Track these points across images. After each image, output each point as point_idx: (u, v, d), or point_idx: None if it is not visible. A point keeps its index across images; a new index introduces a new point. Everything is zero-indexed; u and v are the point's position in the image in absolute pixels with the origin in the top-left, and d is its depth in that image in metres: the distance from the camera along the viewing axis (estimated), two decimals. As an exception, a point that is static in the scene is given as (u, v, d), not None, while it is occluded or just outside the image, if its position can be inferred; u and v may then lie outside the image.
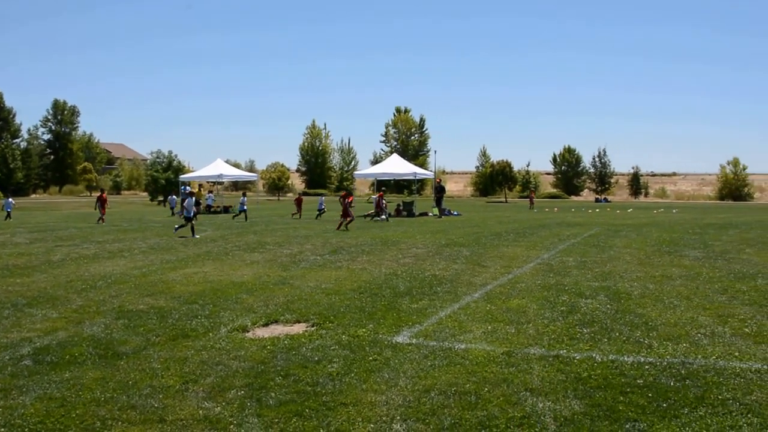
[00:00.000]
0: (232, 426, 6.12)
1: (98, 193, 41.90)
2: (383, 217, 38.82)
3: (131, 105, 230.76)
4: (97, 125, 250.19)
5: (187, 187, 53.67)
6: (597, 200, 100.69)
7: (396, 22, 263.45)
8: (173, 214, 44.75)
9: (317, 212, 43.06)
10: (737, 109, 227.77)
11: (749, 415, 6.36)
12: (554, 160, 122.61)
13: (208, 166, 57.15)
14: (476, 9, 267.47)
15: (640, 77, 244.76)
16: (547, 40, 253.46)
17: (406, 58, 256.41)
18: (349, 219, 31.34)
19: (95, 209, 38.98)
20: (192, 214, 27.14)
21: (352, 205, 32.57)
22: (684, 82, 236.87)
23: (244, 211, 39.84)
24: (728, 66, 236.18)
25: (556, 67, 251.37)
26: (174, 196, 48.04)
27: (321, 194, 50.20)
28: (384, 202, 39.95)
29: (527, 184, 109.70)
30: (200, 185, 51.08)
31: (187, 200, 27.87)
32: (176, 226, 27.69)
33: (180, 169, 75.11)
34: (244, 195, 41.78)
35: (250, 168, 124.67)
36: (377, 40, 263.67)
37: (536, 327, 10.07)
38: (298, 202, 43.83)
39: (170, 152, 79.09)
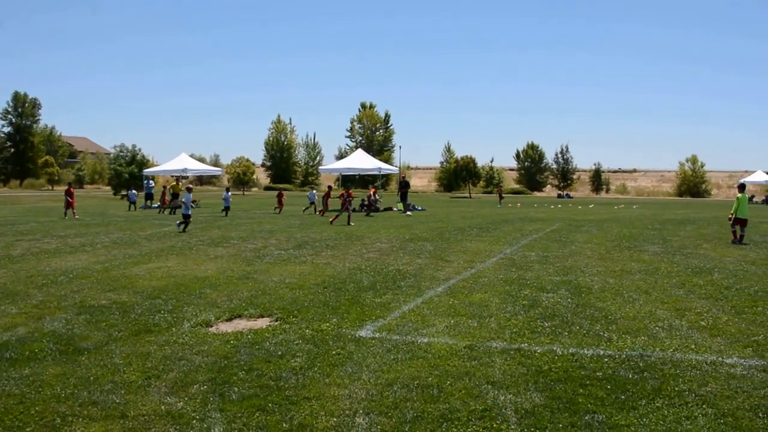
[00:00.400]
0: (194, 421, 6.12)
1: (65, 187, 41.26)
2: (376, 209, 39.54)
3: (95, 99, 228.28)
4: (60, 119, 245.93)
5: (152, 182, 53.22)
6: (559, 196, 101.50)
7: (361, 20, 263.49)
8: (133, 208, 44.25)
9: (309, 205, 43.36)
10: (697, 108, 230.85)
11: (704, 406, 6.51)
12: (517, 156, 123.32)
13: (173, 161, 56.79)
14: (440, 7, 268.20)
15: (602, 75, 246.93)
16: (510, 38, 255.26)
17: (372, 54, 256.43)
18: (344, 213, 31.52)
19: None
20: (190, 210, 26.98)
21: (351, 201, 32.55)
22: (645, 80, 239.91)
23: (228, 207, 39.51)
24: (689, 64, 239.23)
25: (520, 65, 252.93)
26: (134, 191, 47.50)
27: (313, 188, 49.99)
28: (376, 198, 40.30)
29: (491, 180, 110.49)
30: (178, 179, 50.50)
31: (186, 196, 27.58)
32: (178, 222, 27.26)
33: (144, 163, 74.38)
34: (227, 190, 41.44)
35: (215, 162, 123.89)
36: (343, 37, 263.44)
37: (498, 321, 10.18)
38: (279, 197, 43.68)
39: (134, 146, 78.41)
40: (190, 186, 31.76)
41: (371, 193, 41.71)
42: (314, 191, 48.03)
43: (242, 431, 5.91)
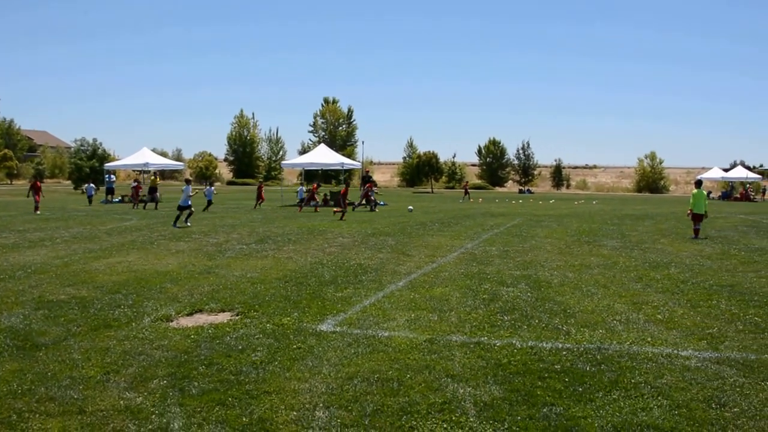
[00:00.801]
0: (153, 416, 6.09)
1: (32, 181, 40.62)
2: (375, 205, 39.45)
3: (56, 94, 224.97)
4: (19, 113, 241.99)
5: (113, 176, 52.60)
6: (521, 191, 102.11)
7: (325, 16, 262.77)
8: (90, 203, 43.67)
9: (299, 200, 43.10)
10: (656, 105, 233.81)
11: (659, 398, 6.62)
12: (479, 151, 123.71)
13: (134, 155, 56.03)
14: (403, 5, 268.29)
15: (563, 73, 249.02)
16: (472, 35, 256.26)
17: (335, 50, 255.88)
18: (342, 210, 31.43)
19: (28, 196, 37.83)
20: (188, 203, 26.74)
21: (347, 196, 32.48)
22: (605, 77, 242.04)
23: (210, 201, 39.04)
24: (647, 62, 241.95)
25: (482, 62, 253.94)
26: (92, 185, 46.84)
27: (302, 184, 49.72)
28: (371, 193, 40.09)
29: (453, 175, 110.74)
30: (155, 173, 49.82)
31: (185, 188, 27.29)
32: (184, 219, 26.86)
33: (105, 158, 73.53)
34: (211, 185, 40.90)
35: (177, 157, 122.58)
36: (307, 34, 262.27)
37: (458, 315, 10.25)
38: (259, 190, 43.38)
39: (95, 140, 77.47)
40: (189, 179, 31.14)
41: (367, 187, 41.14)
42: (303, 187, 47.76)
43: (202, 426, 5.88)
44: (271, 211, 37.51)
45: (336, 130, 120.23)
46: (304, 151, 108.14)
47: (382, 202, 47.24)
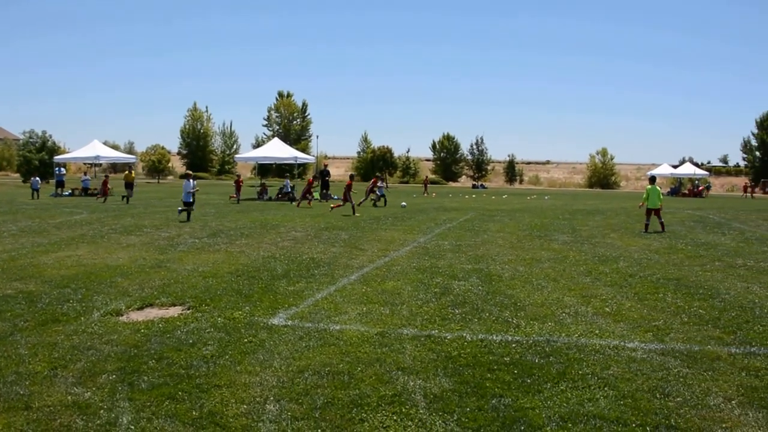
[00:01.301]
0: (102, 411, 6.04)
1: None
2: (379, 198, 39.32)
3: (5, 87, 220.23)
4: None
5: (63, 169, 51.75)
6: (474, 186, 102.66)
7: (281, 11, 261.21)
8: (36, 196, 42.84)
9: (284, 195, 42.80)
10: (608, 102, 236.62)
11: (606, 388, 6.75)
12: (434, 147, 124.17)
13: (84, 147, 55.28)
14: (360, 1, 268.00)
15: (517, 68, 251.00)
16: (426, 30, 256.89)
17: (289, 44, 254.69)
18: (345, 203, 31.39)
19: None
20: (191, 197, 26.31)
21: (353, 190, 32.06)
22: (558, 73, 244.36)
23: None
24: (601, 58, 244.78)
25: (437, 57, 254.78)
26: (37, 178, 45.97)
27: (286, 178, 49.28)
28: (379, 188, 39.73)
29: (407, 170, 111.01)
30: (130, 167, 48.89)
31: (185, 183, 26.86)
32: (179, 209, 26.53)
33: (54, 150, 72.20)
34: (192, 179, 40.20)
35: (129, 150, 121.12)
36: (262, 28, 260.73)
37: (410, 308, 10.30)
38: (238, 185, 42.94)
39: (44, 132, 76.03)
40: (189, 172, 30.13)
41: (372, 183, 40.56)
42: (289, 181, 47.35)
43: (151, 420, 5.85)
44: (224, 205, 37.24)
45: (290, 124, 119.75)
46: (258, 144, 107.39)
47: (335, 196, 47.03)
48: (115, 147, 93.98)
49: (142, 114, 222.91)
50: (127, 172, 44.10)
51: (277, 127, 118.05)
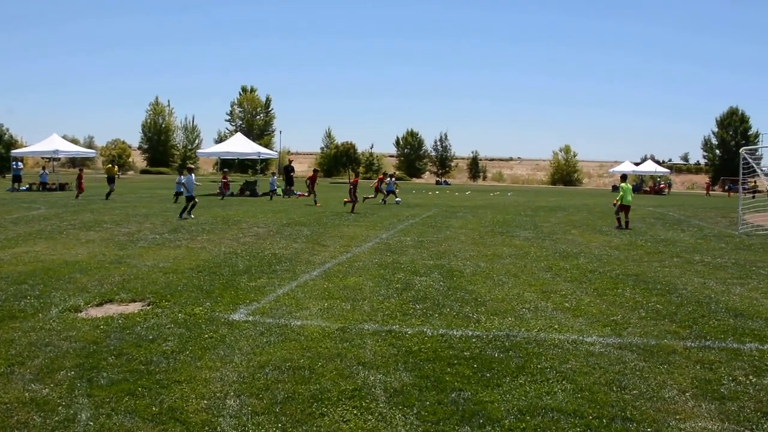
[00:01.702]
0: (60, 407, 5.98)
1: None
2: (389, 199, 38.58)
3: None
4: None
5: (20, 163, 51.01)
6: (438, 182, 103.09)
7: (244, 5, 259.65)
8: None
9: (270, 192, 42.50)
10: (571, 101, 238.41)
11: (564, 382, 6.84)
12: (397, 143, 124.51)
13: (43, 141, 54.47)
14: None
15: (483, 63, 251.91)
16: (389, 24, 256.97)
17: (253, 38, 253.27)
18: (353, 201, 31.05)
19: None
20: (192, 191, 25.93)
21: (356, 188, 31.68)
22: (521, 71, 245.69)
23: (179, 193, 37.81)
24: (564, 53, 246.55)
25: (400, 52, 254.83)
26: None
27: (273, 174, 48.56)
28: (385, 183, 39.23)
29: (371, 166, 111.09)
30: (112, 161, 47.99)
31: (187, 178, 26.49)
32: (183, 208, 25.83)
33: (11, 144, 71.21)
34: (188, 173, 39.44)
35: (89, 144, 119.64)
36: (224, 21, 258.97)
37: (371, 303, 10.34)
38: (224, 178, 42.40)
39: (1, 126, 74.94)
40: (192, 167, 29.27)
41: (379, 179, 40.03)
42: (275, 176, 46.75)
43: (110, 416, 5.82)
44: (185, 200, 36.89)
45: (253, 119, 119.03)
46: (220, 139, 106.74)
47: (297, 192, 46.96)
48: (74, 141, 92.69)
49: (102, 108, 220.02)
50: (109, 166, 43.34)
51: (240, 122, 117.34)
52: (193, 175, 27.02)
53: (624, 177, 25.90)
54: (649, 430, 5.70)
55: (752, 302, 11.15)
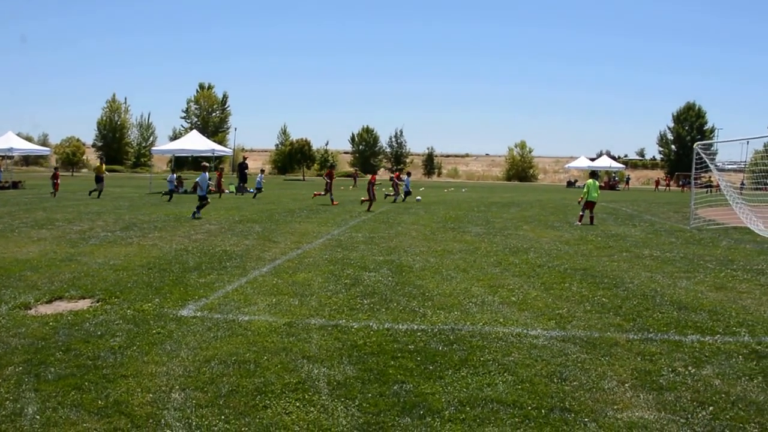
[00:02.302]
0: (7, 402, 5.97)
1: None
2: (398, 196, 38.90)
3: None
4: None
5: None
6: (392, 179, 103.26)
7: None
8: None
9: (255, 190, 42.07)
10: (526, 94, 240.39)
11: (505, 374, 6.97)
12: (353, 139, 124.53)
13: (-2, 139, 53.60)
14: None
15: (436, 62, 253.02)
16: (340, 19, 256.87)
17: (208, 34, 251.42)
18: (370, 200, 31.15)
19: None
20: (205, 191, 25.53)
21: (375, 185, 31.43)
22: (475, 70, 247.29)
23: (173, 191, 37.49)
24: (517, 56, 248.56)
25: (356, 47, 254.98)
26: None
27: (262, 170, 47.90)
28: (400, 182, 39.60)
29: (325, 163, 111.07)
30: (101, 158, 47.05)
31: (200, 176, 26.18)
32: (197, 207, 25.13)
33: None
34: (261, 171, 37.93)
35: (43, 142, 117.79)
36: (178, 18, 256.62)
37: (319, 299, 10.40)
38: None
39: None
40: (206, 164, 28.00)
41: (394, 177, 39.78)
42: (262, 175, 45.39)
43: (56, 410, 5.82)
44: (138, 198, 36.68)
45: (209, 116, 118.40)
46: (175, 137, 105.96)
47: (250, 189, 46.73)
48: (28, 139, 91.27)
49: (57, 106, 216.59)
50: (98, 164, 42.58)
51: (196, 119, 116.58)
52: (207, 173, 26.62)
53: (593, 173, 26.26)
54: (586, 420, 5.84)
55: (697, 295, 11.42)
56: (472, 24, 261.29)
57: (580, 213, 24.93)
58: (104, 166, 42.22)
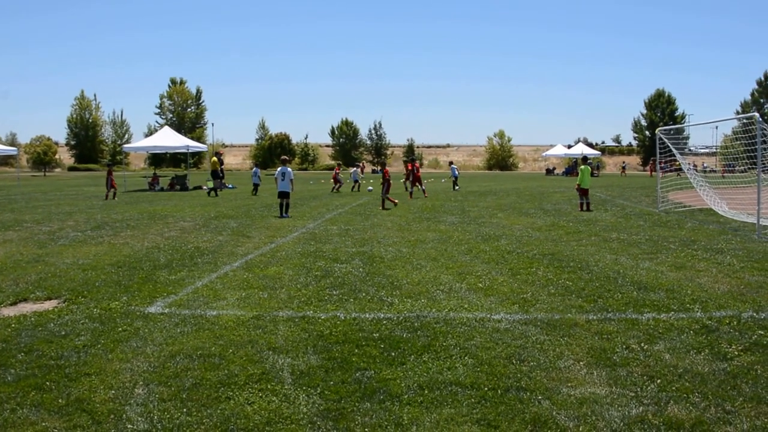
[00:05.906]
0: (-38, 407, 6.00)
1: None
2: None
3: None
4: None
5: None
6: (373, 171, 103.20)
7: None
8: None
9: (253, 187, 41.96)
10: (503, 91, 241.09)
11: (466, 357, 7.10)
12: (332, 132, 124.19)
13: (-37, 139, 53.26)
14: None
15: (416, 52, 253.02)
16: (320, 11, 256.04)
17: (181, 29, 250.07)
18: (412, 190, 32.20)
19: None
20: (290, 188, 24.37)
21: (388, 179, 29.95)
22: (453, 66, 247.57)
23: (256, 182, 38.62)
24: (497, 53, 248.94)
25: (334, 39, 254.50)
26: None
27: (256, 166, 47.57)
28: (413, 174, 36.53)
29: (306, 157, 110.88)
30: (216, 155, 46.54)
31: (279, 170, 25.66)
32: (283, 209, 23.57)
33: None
34: (357, 166, 37.15)
35: (12, 142, 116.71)
36: (153, 13, 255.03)
37: (289, 291, 10.49)
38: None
39: None
40: (286, 158, 25.75)
41: (409, 169, 36.90)
42: (258, 169, 44.91)
43: (15, 411, 5.85)
44: (111, 196, 36.46)
45: (184, 111, 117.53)
46: (150, 133, 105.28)
47: (230, 185, 46.67)
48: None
49: (25, 105, 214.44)
50: (213, 159, 41.92)
51: (171, 115, 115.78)
52: (288, 167, 24.15)
53: (585, 159, 26.37)
54: (540, 398, 5.98)
55: (657, 275, 11.62)
56: (448, 22, 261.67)
57: (579, 201, 25.06)
58: (219, 164, 41.62)
